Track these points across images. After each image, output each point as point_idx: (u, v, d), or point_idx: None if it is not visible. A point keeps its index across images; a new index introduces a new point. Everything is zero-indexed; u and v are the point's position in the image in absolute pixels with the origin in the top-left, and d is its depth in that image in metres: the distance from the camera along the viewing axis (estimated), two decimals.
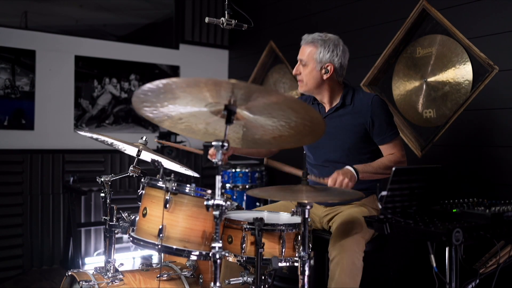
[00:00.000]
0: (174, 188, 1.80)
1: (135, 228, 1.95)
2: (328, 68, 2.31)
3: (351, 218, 2.14)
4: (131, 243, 1.95)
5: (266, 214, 2.15)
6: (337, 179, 2.04)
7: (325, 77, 2.32)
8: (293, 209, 1.74)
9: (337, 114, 2.35)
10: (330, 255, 2.02)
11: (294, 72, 2.39)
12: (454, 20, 2.91)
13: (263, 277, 1.74)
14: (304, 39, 2.37)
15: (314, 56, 2.30)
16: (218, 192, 1.48)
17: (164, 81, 1.38)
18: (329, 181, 2.04)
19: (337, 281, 1.95)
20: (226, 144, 1.47)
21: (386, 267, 3.04)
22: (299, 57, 2.36)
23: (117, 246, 2.68)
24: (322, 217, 2.35)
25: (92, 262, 4.01)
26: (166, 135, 4.17)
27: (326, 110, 2.39)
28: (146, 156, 2.18)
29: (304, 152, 2.48)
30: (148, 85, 1.40)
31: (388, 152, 2.29)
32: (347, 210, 2.24)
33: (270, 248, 1.80)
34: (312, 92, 2.39)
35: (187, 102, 1.54)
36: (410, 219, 1.73)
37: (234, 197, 3.96)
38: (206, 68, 4.94)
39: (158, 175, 1.90)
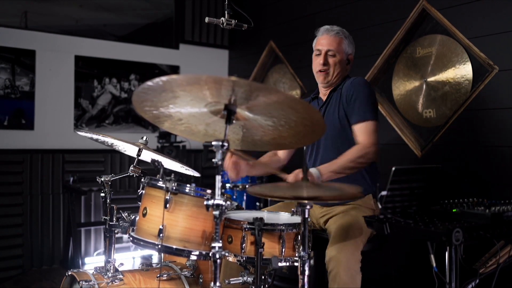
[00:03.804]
0: (174, 188, 1.79)
1: (135, 228, 1.94)
2: (350, 58, 2.38)
3: (346, 225, 2.09)
4: (131, 243, 1.95)
5: (266, 214, 2.15)
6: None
7: (347, 67, 2.38)
8: (293, 209, 1.73)
9: (328, 100, 2.38)
10: (327, 267, 1.99)
11: (322, 62, 2.30)
12: (454, 20, 2.91)
13: (263, 277, 1.74)
14: (328, 30, 2.34)
15: (343, 47, 2.33)
16: (218, 192, 1.48)
17: (164, 78, 1.37)
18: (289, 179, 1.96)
19: None
20: (226, 144, 1.47)
21: (386, 267, 3.04)
22: (326, 47, 2.31)
23: (117, 246, 2.68)
24: (319, 217, 2.35)
25: (92, 262, 4.01)
26: (166, 135, 4.17)
27: (324, 100, 2.42)
28: (146, 156, 2.18)
29: (304, 148, 2.47)
30: (149, 83, 1.40)
31: (356, 136, 2.20)
32: (342, 213, 2.21)
33: (270, 248, 1.80)
34: (333, 83, 2.37)
35: (187, 101, 1.54)
36: (410, 219, 1.73)
37: (234, 197, 3.95)
38: (206, 68, 4.93)
39: (158, 175, 1.90)
